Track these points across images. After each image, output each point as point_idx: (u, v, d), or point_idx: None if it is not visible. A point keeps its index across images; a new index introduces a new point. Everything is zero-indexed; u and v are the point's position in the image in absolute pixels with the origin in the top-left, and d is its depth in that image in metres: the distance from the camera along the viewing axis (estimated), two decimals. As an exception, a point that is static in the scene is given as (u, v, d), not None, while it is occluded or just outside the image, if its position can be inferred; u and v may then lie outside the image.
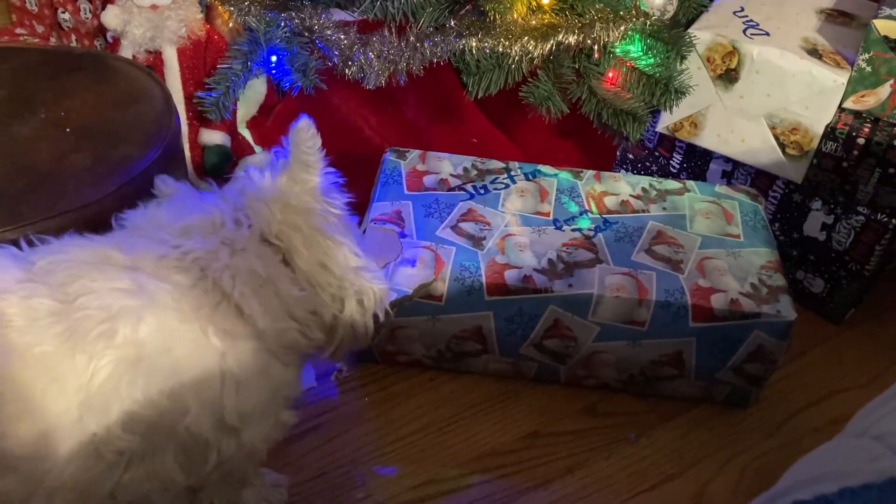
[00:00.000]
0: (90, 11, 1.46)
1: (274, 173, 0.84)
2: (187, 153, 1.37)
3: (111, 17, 1.36)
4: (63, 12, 1.47)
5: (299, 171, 0.83)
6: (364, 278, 0.86)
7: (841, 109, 1.25)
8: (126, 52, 1.36)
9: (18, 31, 1.58)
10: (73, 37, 1.50)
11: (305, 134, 0.82)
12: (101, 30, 1.44)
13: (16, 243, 0.79)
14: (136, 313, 0.73)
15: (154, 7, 1.34)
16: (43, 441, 0.70)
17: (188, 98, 1.38)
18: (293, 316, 0.82)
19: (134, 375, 0.72)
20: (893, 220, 1.26)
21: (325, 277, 0.84)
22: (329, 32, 1.25)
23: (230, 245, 0.81)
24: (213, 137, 1.40)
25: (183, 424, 0.75)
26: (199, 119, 1.41)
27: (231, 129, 1.45)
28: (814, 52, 1.27)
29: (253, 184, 0.84)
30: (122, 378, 0.72)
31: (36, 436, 0.70)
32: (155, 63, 1.37)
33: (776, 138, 1.30)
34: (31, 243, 0.79)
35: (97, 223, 0.87)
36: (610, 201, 1.26)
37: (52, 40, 1.54)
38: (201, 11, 1.40)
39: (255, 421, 0.81)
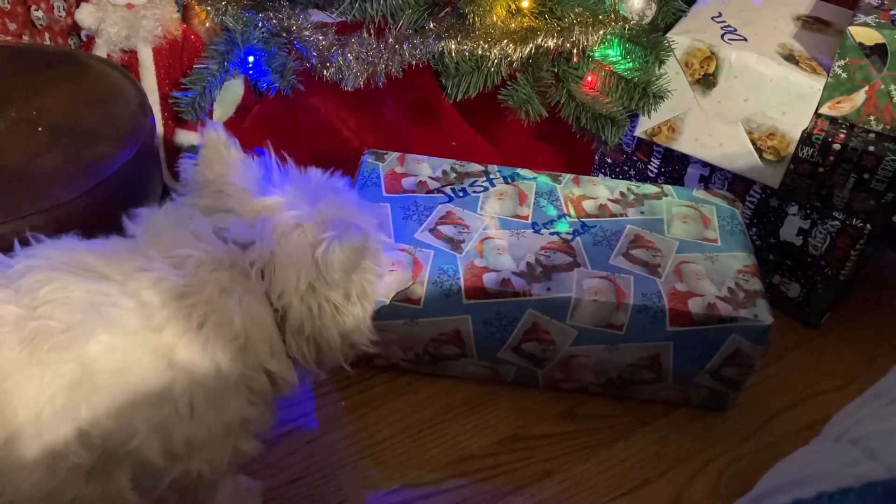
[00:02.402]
0: (64, 9, 1.44)
1: (316, 243, 0.79)
2: (162, 154, 1.36)
3: (86, 16, 1.34)
4: (36, 10, 1.45)
5: (339, 271, 0.79)
6: (349, 349, 0.86)
7: (817, 115, 1.26)
8: (100, 50, 1.34)
9: (-10, 28, 1.55)
10: (47, 35, 1.48)
11: (361, 247, 0.79)
12: (76, 28, 1.42)
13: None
14: (89, 330, 0.71)
15: (130, 6, 1.32)
16: (7, 449, 0.69)
17: (164, 98, 1.36)
18: (267, 369, 0.80)
19: (80, 393, 0.70)
20: (868, 226, 1.27)
21: (308, 350, 0.83)
22: (307, 33, 1.24)
23: (220, 286, 0.77)
24: (189, 138, 1.39)
25: (129, 447, 0.73)
26: (175, 119, 1.39)
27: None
28: (791, 58, 1.28)
29: (291, 242, 0.79)
30: (69, 394, 0.70)
31: (1, 443, 0.69)
32: (130, 62, 1.35)
33: (753, 143, 1.31)
34: (25, 242, 0.77)
35: (68, 224, 0.86)
36: (588, 205, 1.26)
37: (25, 38, 1.51)
38: (178, 11, 1.39)
39: (206, 450, 0.78)
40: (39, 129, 1.07)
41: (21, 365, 0.69)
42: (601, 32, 1.24)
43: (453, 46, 1.21)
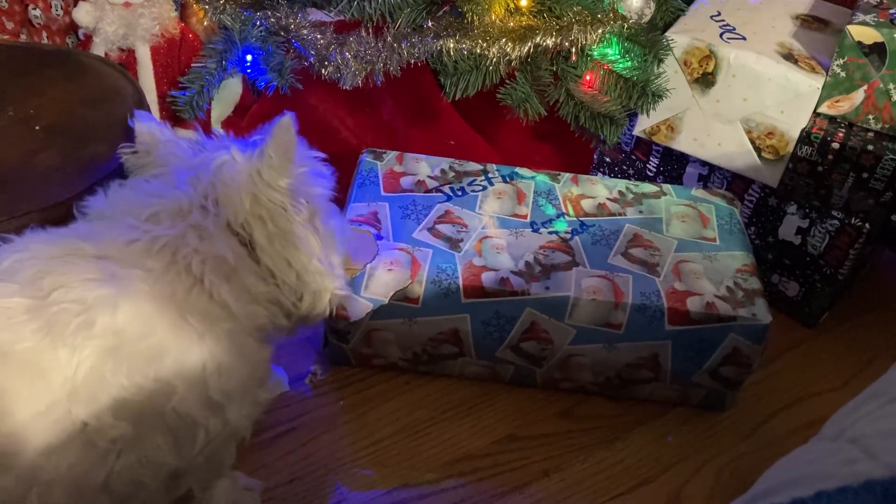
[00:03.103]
0: (62, 8, 1.44)
1: (249, 161, 0.84)
2: (160, 153, 1.35)
3: (83, 14, 1.34)
4: (34, 9, 1.45)
5: (274, 168, 0.83)
6: (324, 281, 0.88)
7: (816, 114, 1.26)
8: (98, 49, 1.34)
9: (-12, 27, 1.55)
10: (45, 34, 1.48)
11: (286, 131, 0.82)
12: (73, 27, 1.42)
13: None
14: (111, 302, 0.74)
15: (127, 4, 1.32)
16: (34, 436, 0.70)
17: (161, 97, 1.36)
18: (259, 304, 0.84)
19: (117, 362, 0.73)
20: (867, 225, 1.26)
21: (287, 274, 0.85)
22: (305, 32, 1.24)
23: (198, 231, 0.81)
24: (188, 137, 1.38)
25: (170, 405, 0.76)
26: (173, 118, 1.39)
27: (205, 129, 1.43)
28: (789, 57, 1.27)
29: (227, 169, 0.84)
30: (105, 366, 0.72)
31: (27, 431, 0.70)
32: (128, 61, 1.35)
33: (752, 142, 1.31)
34: None
35: (65, 223, 0.85)
36: (587, 204, 1.26)
37: (23, 37, 1.51)
38: (176, 9, 1.39)
39: (238, 398, 0.82)
40: (37, 127, 1.07)
41: (44, 352, 0.71)
42: (600, 31, 1.24)
43: (452, 45, 1.20)
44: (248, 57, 1.32)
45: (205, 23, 1.43)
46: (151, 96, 1.34)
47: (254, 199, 0.83)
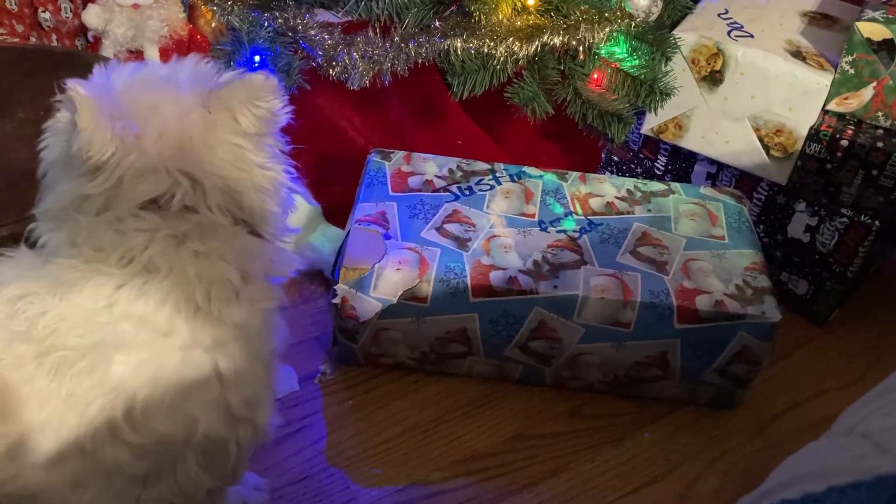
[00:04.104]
0: (71, 11, 1.45)
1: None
2: (169, 154, 1.36)
3: (92, 17, 1.35)
4: (43, 11, 1.46)
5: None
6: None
7: (825, 111, 1.25)
8: (107, 51, 1.35)
9: (-2, 30, 1.56)
10: (54, 36, 1.49)
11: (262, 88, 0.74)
12: (83, 29, 1.43)
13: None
14: (107, 354, 0.70)
15: (136, 6, 1.32)
16: (55, 473, 0.70)
17: (170, 98, 1.36)
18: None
19: (122, 415, 0.71)
20: (877, 222, 1.26)
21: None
22: (313, 32, 1.24)
23: (176, 240, 0.74)
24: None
25: (197, 436, 0.74)
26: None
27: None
28: (797, 55, 1.27)
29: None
30: (114, 419, 0.70)
31: (47, 468, 0.69)
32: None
33: (760, 140, 1.31)
34: None
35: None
36: (595, 203, 1.25)
37: (33, 40, 1.52)
38: (184, 11, 1.39)
39: (262, 402, 0.80)
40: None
41: (52, 397, 0.69)
42: (607, 30, 1.24)
43: (459, 45, 1.21)
44: (256, 58, 1.33)
45: (213, 24, 1.44)
46: (160, 97, 1.35)
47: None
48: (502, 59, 1.22)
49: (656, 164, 1.46)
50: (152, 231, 0.72)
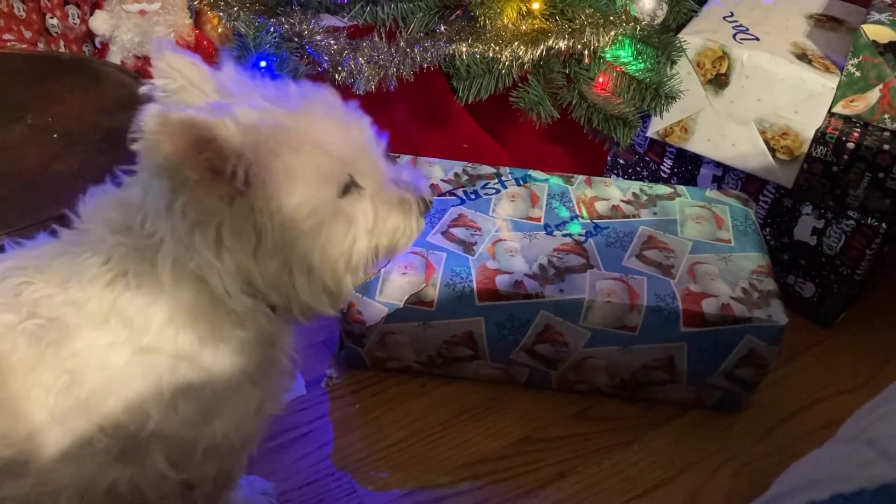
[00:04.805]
0: (78, 17, 1.46)
1: None
2: (176, 159, 1.36)
3: (99, 23, 1.35)
4: (51, 18, 1.47)
5: None
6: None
7: (831, 114, 1.25)
8: (114, 57, 1.36)
9: (6, 36, 1.57)
10: (62, 42, 1.50)
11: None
12: (90, 35, 1.43)
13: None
14: (68, 331, 0.70)
15: (143, 12, 1.33)
16: (39, 444, 0.71)
17: (177, 103, 1.37)
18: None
19: (82, 392, 0.71)
20: (883, 225, 1.26)
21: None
22: (319, 38, 1.25)
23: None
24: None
25: (148, 431, 0.73)
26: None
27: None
28: (803, 57, 1.27)
29: None
30: (70, 395, 0.71)
31: (33, 439, 0.70)
32: (144, 69, 1.36)
33: (766, 143, 1.31)
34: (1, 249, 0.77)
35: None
36: (601, 206, 1.26)
37: (41, 46, 1.53)
38: (190, 17, 1.40)
39: (222, 413, 0.77)
40: (54, 135, 1.08)
41: (31, 365, 0.71)
42: (612, 33, 1.24)
43: (464, 49, 1.21)
44: (263, 63, 1.33)
45: (219, 30, 1.44)
46: (167, 103, 1.35)
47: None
48: (507, 63, 1.22)
49: (662, 167, 1.46)
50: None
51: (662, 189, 1.30)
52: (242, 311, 0.75)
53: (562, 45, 1.22)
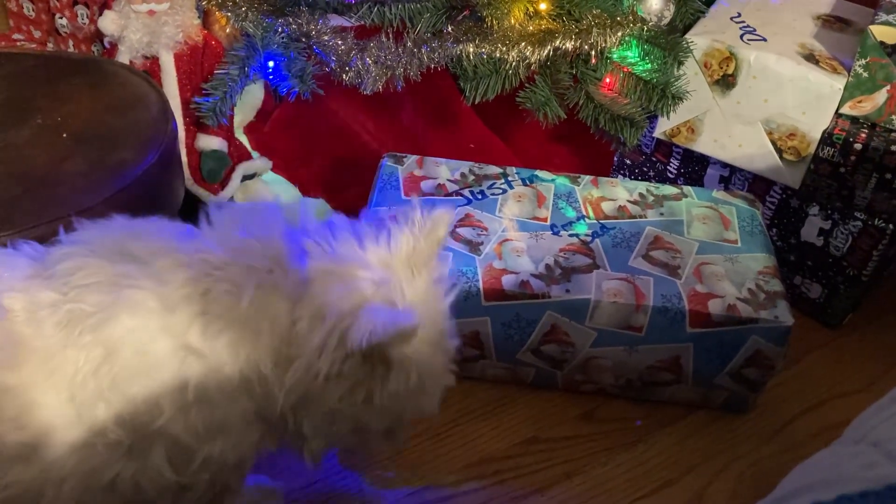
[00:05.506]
0: (87, 17, 1.46)
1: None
2: (184, 158, 1.37)
3: (108, 23, 1.36)
4: (60, 18, 1.47)
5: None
6: None
7: (838, 115, 1.25)
8: (123, 57, 1.36)
9: (16, 36, 1.58)
10: (71, 42, 1.50)
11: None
12: (99, 35, 1.44)
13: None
14: (114, 312, 0.72)
15: (151, 13, 1.33)
16: (49, 431, 0.71)
17: (185, 103, 1.38)
18: (264, 380, 0.77)
19: (108, 375, 0.72)
20: (891, 226, 1.26)
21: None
22: (326, 38, 1.25)
23: (249, 271, 0.76)
24: (211, 143, 1.40)
25: (157, 426, 0.74)
26: (197, 124, 1.40)
27: (228, 135, 1.44)
28: (811, 58, 1.27)
29: (349, 245, 0.78)
30: (98, 377, 0.72)
31: (43, 425, 0.71)
32: (152, 69, 1.36)
33: (773, 143, 1.31)
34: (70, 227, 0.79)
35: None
36: (607, 206, 1.26)
37: (50, 45, 1.54)
38: (198, 17, 1.40)
39: (226, 435, 0.78)
40: (64, 135, 1.09)
41: (57, 347, 0.72)
42: (619, 34, 1.24)
43: (471, 49, 1.21)
44: (271, 63, 1.34)
45: (227, 30, 1.45)
46: (175, 103, 1.36)
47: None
48: (514, 63, 1.22)
49: (669, 167, 1.46)
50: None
51: (669, 189, 1.30)
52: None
53: (569, 45, 1.22)
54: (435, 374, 0.81)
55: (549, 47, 1.21)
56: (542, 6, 1.25)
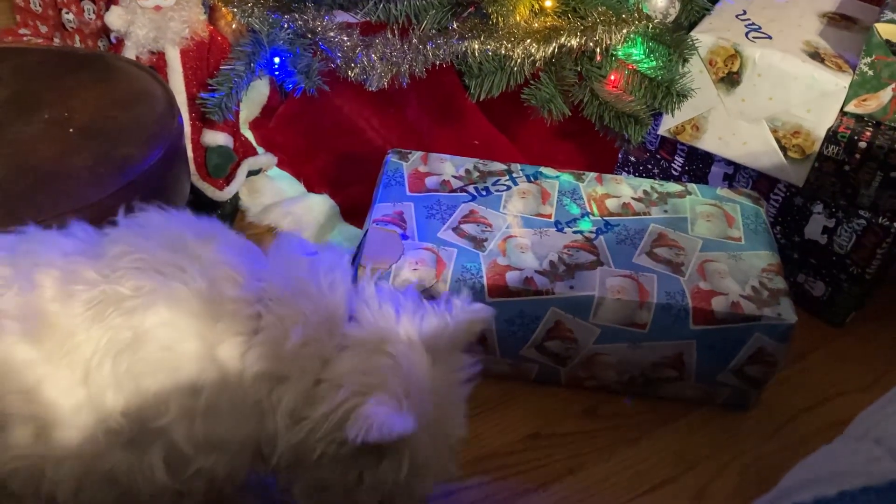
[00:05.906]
0: (94, 12, 1.47)
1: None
2: (190, 154, 1.38)
3: (115, 18, 1.36)
4: (67, 13, 1.48)
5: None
6: None
7: (843, 113, 1.25)
8: (129, 52, 1.36)
9: (22, 31, 1.58)
10: (77, 37, 1.51)
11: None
12: (105, 30, 1.44)
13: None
14: (154, 301, 0.73)
15: (157, 8, 1.34)
16: (57, 409, 0.72)
17: (191, 99, 1.38)
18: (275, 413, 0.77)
19: (128, 361, 0.73)
20: (895, 224, 1.26)
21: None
22: (332, 34, 1.25)
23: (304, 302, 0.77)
24: (216, 138, 1.41)
25: (158, 424, 0.74)
26: (202, 120, 1.41)
27: (234, 131, 1.45)
28: (816, 56, 1.27)
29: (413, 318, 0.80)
30: (117, 361, 0.72)
31: (52, 403, 0.72)
32: (158, 64, 1.37)
33: (778, 141, 1.31)
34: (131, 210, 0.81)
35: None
36: (611, 203, 1.26)
37: (56, 41, 1.54)
38: (204, 13, 1.41)
39: (224, 453, 0.78)
40: (70, 130, 1.09)
41: (82, 326, 0.72)
42: (624, 31, 1.24)
43: (476, 46, 1.21)
44: (276, 59, 1.34)
45: (233, 26, 1.45)
46: (181, 98, 1.36)
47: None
48: (519, 60, 1.22)
49: (673, 165, 1.47)
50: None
51: (673, 187, 1.30)
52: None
53: (574, 42, 1.22)
54: (431, 465, 0.81)
55: (554, 44, 1.22)
56: (548, 3, 1.25)
